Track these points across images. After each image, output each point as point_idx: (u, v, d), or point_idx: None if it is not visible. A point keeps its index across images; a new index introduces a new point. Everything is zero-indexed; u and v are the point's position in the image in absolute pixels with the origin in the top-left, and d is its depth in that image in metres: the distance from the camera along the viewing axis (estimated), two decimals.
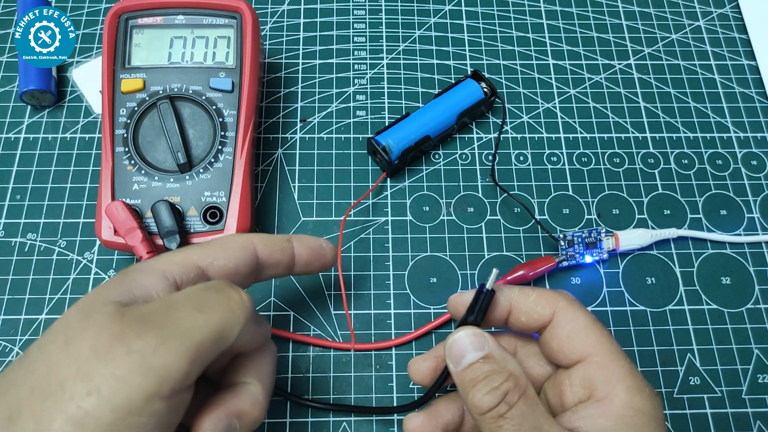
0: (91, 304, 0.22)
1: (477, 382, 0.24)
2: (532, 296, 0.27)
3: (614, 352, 0.25)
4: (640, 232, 0.37)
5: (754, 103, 0.43)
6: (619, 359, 0.25)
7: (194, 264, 0.25)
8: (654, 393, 0.25)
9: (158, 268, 0.25)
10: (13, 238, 0.37)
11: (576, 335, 0.25)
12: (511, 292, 0.27)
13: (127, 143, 0.34)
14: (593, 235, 0.37)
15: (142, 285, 0.24)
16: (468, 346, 0.25)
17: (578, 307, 0.26)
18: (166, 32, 0.37)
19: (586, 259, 0.36)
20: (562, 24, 0.46)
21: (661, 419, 0.24)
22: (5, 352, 0.34)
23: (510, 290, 0.27)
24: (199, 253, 0.26)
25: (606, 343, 0.25)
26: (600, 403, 0.24)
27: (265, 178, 0.39)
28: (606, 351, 0.25)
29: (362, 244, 0.37)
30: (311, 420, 0.33)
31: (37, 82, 0.39)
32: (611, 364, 0.25)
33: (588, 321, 0.26)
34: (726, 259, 0.37)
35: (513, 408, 0.23)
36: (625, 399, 0.24)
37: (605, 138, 0.41)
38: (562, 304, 0.26)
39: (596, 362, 0.25)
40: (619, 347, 0.25)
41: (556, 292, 0.27)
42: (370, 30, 0.45)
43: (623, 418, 0.23)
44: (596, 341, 0.25)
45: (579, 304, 0.27)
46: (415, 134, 0.38)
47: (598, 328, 0.26)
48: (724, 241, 0.38)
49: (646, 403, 0.24)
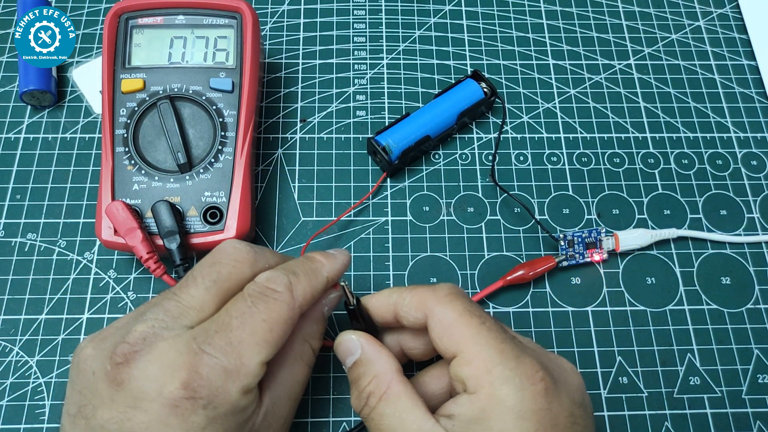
0: None
1: (351, 385, 0.27)
2: (407, 298, 0.27)
3: (481, 344, 0.25)
4: (640, 232, 0.37)
5: (754, 103, 0.43)
6: (486, 350, 0.24)
7: None
8: (536, 380, 0.24)
9: None
10: (13, 238, 0.37)
11: (444, 334, 0.26)
12: (390, 297, 0.28)
13: (127, 143, 0.34)
14: (593, 235, 0.37)
15: None
16: (345, 351, 0.28)
17: (446, 303, 0.26)
18: (166, 32, 0.37)
19: (587, 258, 0.36)
20: (562, 24, 0.46)
21: (536, 410, 0.23)
22: (5, 352, 0.34)
23: (389, 294, 0.28)
24: None
25: (472, 336, 0.25)
26: (470, 395, 0.24)
27: (265, 178, 0.39)
28: (471, 345, 0.25)
29: (362, 244, 0.37)
30: (311, 420, 0.33)
31: (37, 82, 0.39)
32: (476, 358, 0.24)
33: (454, 317, 0.26)
34: (726, 259, 0.37)
35: (373, 410, 0.25)
36: (488, 390, 0.24)
37: (605, 138, 0.41)
38: (430, 304, 0.26)
39: (462, 359, 0.25)
40: (486, 333, 0.25)
41: (429, 289, 0.27)
42: (370, 30, 0.45)
43: (485, 411, 0.24)
44: (462, 337, 0.25)
45: (450, 298, 0.26)
46: (415, 134, 0.38)
47: (465, 322, 0.25)
48: (724, 241, 0.38)
49: (512, 394, 0.23)
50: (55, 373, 0.33)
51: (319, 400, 0.33)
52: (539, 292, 0.36)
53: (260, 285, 0.25)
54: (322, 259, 0.28)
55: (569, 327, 0.35)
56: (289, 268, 0.27)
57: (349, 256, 0.30)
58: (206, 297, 0.25)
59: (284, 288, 0.25)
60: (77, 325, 0.35)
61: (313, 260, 0.28)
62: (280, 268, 0.27)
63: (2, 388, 0.33)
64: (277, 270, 0.26)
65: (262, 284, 0.25)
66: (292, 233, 0.38)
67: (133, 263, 0.36)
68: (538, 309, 0.36)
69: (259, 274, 0.26)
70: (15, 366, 0.34)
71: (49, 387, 0.33)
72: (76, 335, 0.34)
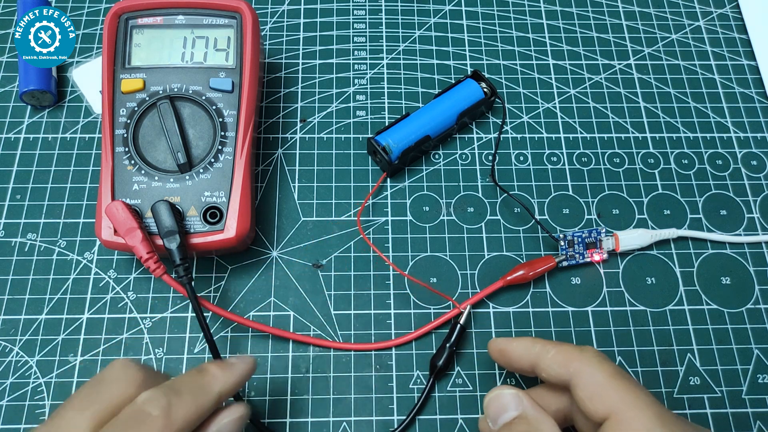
0: None
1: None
2: (551, 353, 0.27)
3: (639, 407, 0.24)
4: (640, 232, 0.37)
5: (754, 103, 0.43)
6: (646, 414, 0.24)
7: None
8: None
9: None
10: (13, 238, 0.37)
11: (595, 395, 0.25)
12: (533, 346, 0.27)
13: (127, 143, 0.34)
14: (593, 235, 0.37)
15: None
16: (500, 408, 0.26)
17: (596, 364, 0.25)
18: (166, 32, 0.37)
19: (587, 258, 0.36)
20: (562, 24, 0.46)
21: None
22: (5, 352, 0.34)
23: (532, 344, 0.27)
24: None
25: (630, 399, 0.24)
26: None
27: (265, 178, 0.39)
28: (629, 408, 0.24)
29: (362, 244, 0.37)
30: (311, 420, 0.33)
31: (37, 82, 0.40)
32: (634, 421, 0.24)
33: (605, 378, 0.25)
34: (726, 259, 0.37)
35: None
36: None
37: (605, 138, 0.41)
38: (576, 366, 0.25)
39: (617, 422, 0.24)
40: (644, 397, 0.24)
41: (575, 349, 0.26)
42: (370, 30, 0.45)
43: None
44: (618, 400, 0.24)
45: (598, 360, 0.26)
46: (415, 134, 0.38)
47: (618, 385, 0.25)
48: (724, 241, 0.38)
49: None
50: (55, 374, 0.33)
51: (319, 400, 0.33)
52: (539, 292, 0.36)
53: (136, 407, 0.23)
54: (217, 372, 0.26)
55: (569, 327, 0.35)
56: (174, 386, 0.25)
57: (254, 365, 0.28)
58: (80, 421, 0.23)
59: (160, 411, 0.23)
60: (77, 325, 0.35)
61: (204, 373, 0.26)
62: (163, 386, 0.24)
63: (2, 388, 0.33)
64: (158, 389, 0.24)
65: (138, 406, 0.23)
66: (292, 233, 0.38)
67: (133, 263, 0.36)
68: (538, 309, 0.36)
69: (140, 394, 0.24)
70: (15, 366, 0.34)
71: (49, 387, 0.33)
72: (76, 335, 0.34)
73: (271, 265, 0.37)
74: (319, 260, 0.37)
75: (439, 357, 0.33)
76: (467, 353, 0.35)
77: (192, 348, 0.34)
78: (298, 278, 0.36)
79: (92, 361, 0.34)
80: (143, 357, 0.34)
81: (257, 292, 0.36)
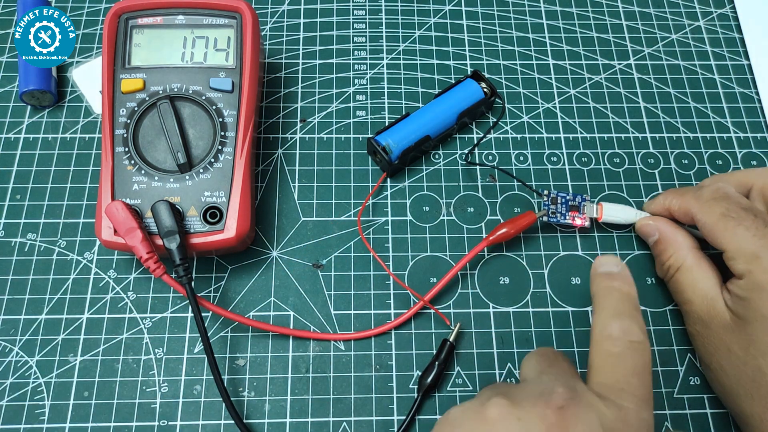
0: None
1: (655, 258, 0.35)
2: (676, 205, 0.34)
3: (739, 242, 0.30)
4: (625, 207, 0.37)
5: (754, 103, 0.43)
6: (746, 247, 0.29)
7: None
8: None
9: None
10: (13, 238, 0.37)
11: (708, 236, 0.31)
12: (664, 201, 0.35)
13: (127, 143, 0.34)
14: (578, 200, 0.37)
15: None
16: (645, 233, 0.36)
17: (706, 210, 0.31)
18: (166, 32, 0.37)
19: (568, 219, 0.36)
20: (562, 24, 0.46)
21: None
22: (5, 352, 0.34)
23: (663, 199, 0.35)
24: None
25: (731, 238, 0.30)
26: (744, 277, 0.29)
27: (265, 178, 0.39)
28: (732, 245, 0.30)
29: (362, 244, 0.37)
30: (311, 420, 0.33)
31: (37, 82, 0.40)
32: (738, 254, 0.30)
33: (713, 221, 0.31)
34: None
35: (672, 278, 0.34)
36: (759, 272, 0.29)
37: (605, 138, 0.41)
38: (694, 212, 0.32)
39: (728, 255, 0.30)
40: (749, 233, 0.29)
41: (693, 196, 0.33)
42: (370, 30, 0.45)
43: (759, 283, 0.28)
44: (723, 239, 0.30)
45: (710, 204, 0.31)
46: (415, 134, 0.38)
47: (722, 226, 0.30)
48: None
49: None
50: (55, 373, 0.33)
51: (320, 400, 0.33)
52: (539, 292, 0.36)
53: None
54: None
55: (569, 327, 0.35)
56: None
57: None
58: None
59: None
60: (77, 325, 0.35)
61: None
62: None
63: (2, 388, 0.33)
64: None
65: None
66: (292, 233, 0.38)
67: (133, 263, 0.36)
68: (538, 309, 0.36)
69: None
70: (15, 366, 0.34)
71: (49, 387, 0.33)
72: (76, 335, 0.34)
73: (271, 265, 0.37)
74: (319, 260, 0.37)
75: (427, 375, 0.33)
76: (467, 353, 0.35)
77: (192, 348, 0.34)
78: (298, 278, 0.36)
79: (92, 361, 0.34)
80: (143, 357, 0.34)
81: (257, 292, 0.36)
